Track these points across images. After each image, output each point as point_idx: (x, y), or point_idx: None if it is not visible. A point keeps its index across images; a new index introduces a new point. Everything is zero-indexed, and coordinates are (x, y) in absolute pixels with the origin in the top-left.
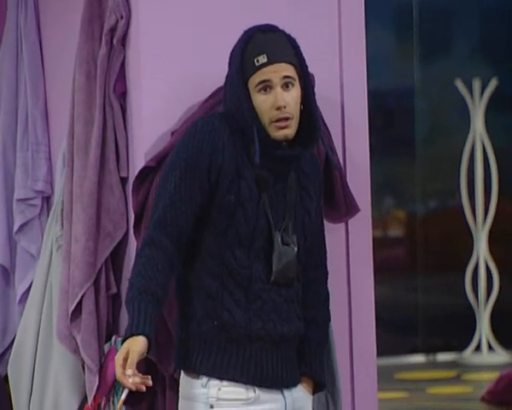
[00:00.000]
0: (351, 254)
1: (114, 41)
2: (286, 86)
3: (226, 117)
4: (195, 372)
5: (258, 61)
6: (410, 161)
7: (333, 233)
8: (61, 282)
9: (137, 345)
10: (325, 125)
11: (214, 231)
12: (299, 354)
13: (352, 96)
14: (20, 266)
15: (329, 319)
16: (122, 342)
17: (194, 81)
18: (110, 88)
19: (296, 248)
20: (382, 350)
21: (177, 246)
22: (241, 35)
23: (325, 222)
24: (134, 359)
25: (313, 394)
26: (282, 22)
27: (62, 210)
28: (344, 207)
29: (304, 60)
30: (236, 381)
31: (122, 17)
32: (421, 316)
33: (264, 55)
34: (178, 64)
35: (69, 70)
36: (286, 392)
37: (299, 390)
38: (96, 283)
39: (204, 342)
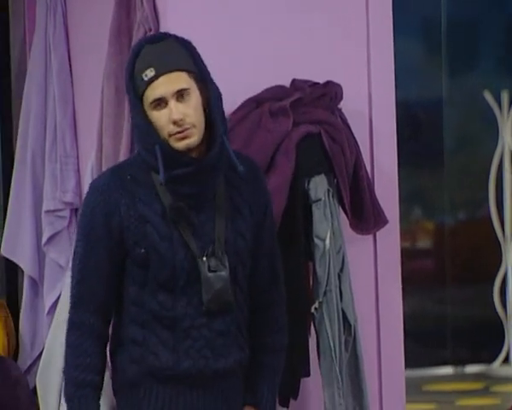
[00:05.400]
0: (379, 266)
1: None
2: (181, 97)
3: (118, 169)
4: None
5: (146, 75)
6: (439, 172)
7: (361, 245)
8: None
9: None
10: (353, 136)
11: (133, 281)
12: (247, 381)
13: (381, 107)
14: (48, 278)
15: (286, 344)
16: None
17: (221, 92)
18: None
19: (227, 272)
20: (410, 362)
21: (102, 315)
22: (130, 51)
23: (353, 233)
24: None
25: None
26: (311, 36)
27: None
28: (372, 219)
29: (200, 59)
30: None
31: (150, 30)
32: (450, 328)
33: (152, 69)
34: None
35: (98, 82)
36: None
37: None
38: None
39: (131, 388)
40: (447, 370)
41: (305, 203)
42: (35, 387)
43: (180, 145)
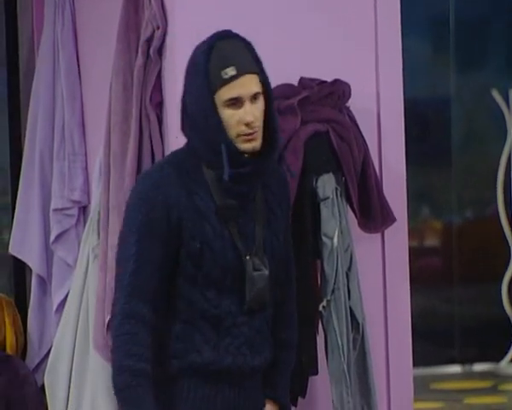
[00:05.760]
0: (387, 264)
1: (151, 51)
2: (255, 99)
3: (173, 163)
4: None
5: (226, 73)
6: (447, 171)
7: (369, 243)
8: (97, 291)
9: None
10: (361, 134)
11: (184, 278)
12: (266, 376)
13: (389, 105)
14: (56, 276)
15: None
16: None
17: None
18: (146, 98)
19: (268, 272)
20: (418, 360)
21: (154, 307)
22: (199, 44)
23: (361, 232)
24: None
25: None
26: (319, 34)
27: (99, 220)
28: (380, 217)
29: (261, 62)
30: None
31: (158, 27)
32: (458, 326)
33: (233, 68)
34: None
35: (106, 80)
36: None
37: None
38: None
39: (170, 382)
40: (455, 368)
41: (313, 201)
42: (43, 385)
43: (247, 146)
